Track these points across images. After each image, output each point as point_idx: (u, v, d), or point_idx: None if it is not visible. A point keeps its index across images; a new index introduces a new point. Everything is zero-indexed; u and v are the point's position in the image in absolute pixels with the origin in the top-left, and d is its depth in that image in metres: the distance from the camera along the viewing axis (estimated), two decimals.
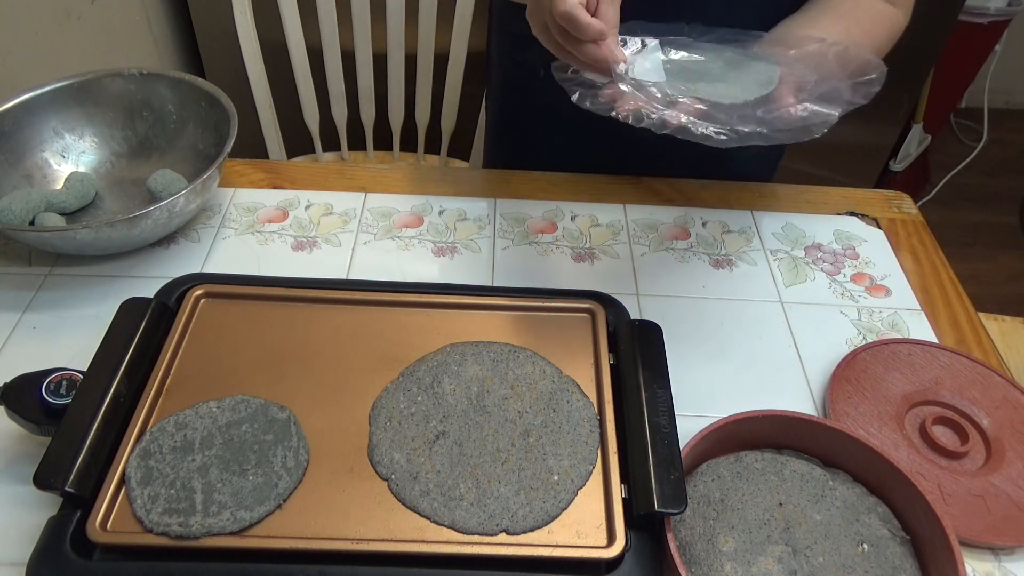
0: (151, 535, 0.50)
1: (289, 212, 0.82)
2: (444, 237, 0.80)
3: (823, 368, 0.69)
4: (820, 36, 0.61)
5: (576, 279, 0.76)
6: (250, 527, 0.51)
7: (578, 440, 0.57)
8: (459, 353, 0.62)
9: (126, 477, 0.53)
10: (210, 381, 0.60)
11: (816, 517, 0.55)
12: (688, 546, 0.53)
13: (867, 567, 0.52)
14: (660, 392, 0.58)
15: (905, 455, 0.61)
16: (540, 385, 0.61)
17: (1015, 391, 0.66)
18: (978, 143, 2.37)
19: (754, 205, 0.87)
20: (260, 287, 0.67)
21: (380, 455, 0.56)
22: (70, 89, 0.80)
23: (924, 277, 0.80)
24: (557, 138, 0.90)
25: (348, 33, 1.25)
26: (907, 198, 0.91)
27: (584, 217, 0.83)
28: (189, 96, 0.82)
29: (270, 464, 0.54)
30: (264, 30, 1.24)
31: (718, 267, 0.79)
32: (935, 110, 2.05)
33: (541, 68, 0.83)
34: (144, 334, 0.60)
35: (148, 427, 0.56)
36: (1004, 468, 0.61)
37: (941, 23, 1.63)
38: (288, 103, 1.35)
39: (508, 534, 0.52)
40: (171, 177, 0.78)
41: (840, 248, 0.82)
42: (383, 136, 1.41)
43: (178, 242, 0.78)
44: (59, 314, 0.70)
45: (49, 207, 0.75)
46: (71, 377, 0.57)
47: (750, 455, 0.58)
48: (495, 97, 0.96)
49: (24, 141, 0.78)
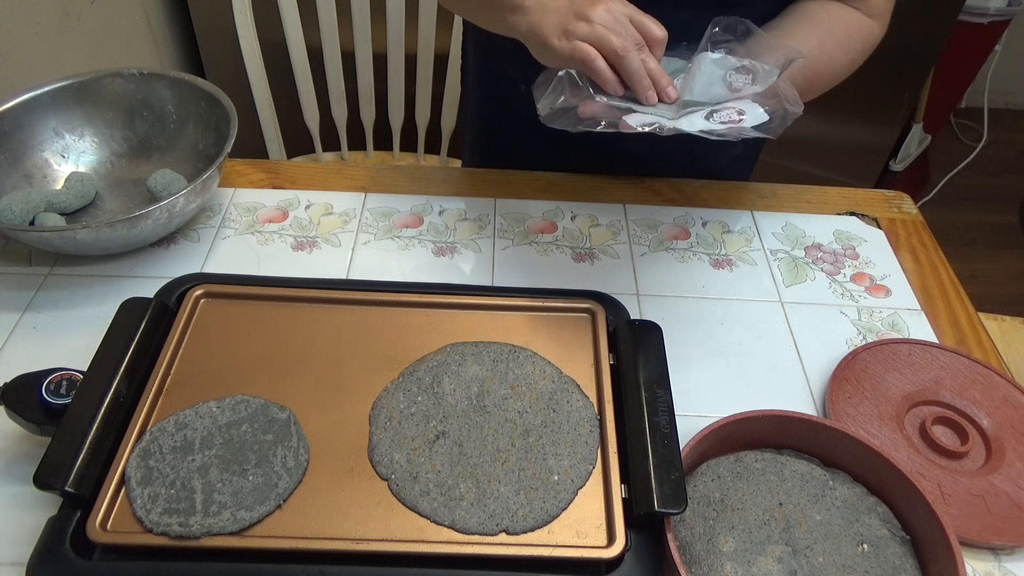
0: (151, 535, 0.50)
1: (289, 212, 0.82)
2: (444, 237, 0.80)
3: (823, 368, 0.69)
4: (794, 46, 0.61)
5: (576, 279, 0.76)
6: (250, 527, 0.51)
7: (578, 440, 0.57)
8: (459, 353, 0.62)
9: (126, 477, 0.53)
10: (210, 381, 0.60)
11: (816, 517, 0.55)
12: (688, 546, 0.53)
13: (867, 567, 0.52)
14: (660, 392, 0.58)
15: (905, 455, 0.61)
16: (540, 385, 0.61)
17: (1015, 391, 0.66)
18: (978, 143, 2.37)
19: (754, 205, 0.87)
20: (260, 287, 0.67)
21: (380, 455, 0.56)
22: (70, 89, 0.80)
23: (924, 277, 0.80)
24: (538, 148, 0.90)
25: (348, 33, 1.25)
26: (907, 198, 0.91)
27: (584, 217, 0.83)
28: (189, 96, 0.82)
29: (270, 464, 0.54)
30: (264, 30, 1.25)
31: (718, 267, 0.79)
32: (935, 110, 2.05)
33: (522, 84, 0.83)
34: (144, 334, 0.60)
35: (148, 427, 0.56)
36: (1004, 468, 0.61)
37: (941, 23, 1.63)
38: (288, 103, 1.35)
39: (508, 534, 0.52)
40: (171, 177, 0.78)
41: (840, 248, 0.82)
42: (383, 136, 1.41)
43: (178, 242, 0.78)
44: (59, 314, 0.70)
45: (49, 207, 0.75)
46: (71, 377, 0.56)
47: (750, 455, 0.58)
48: (474, 108, 0.96)
49: (24, 141, 0.78)
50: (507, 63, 0.85)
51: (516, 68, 0.83)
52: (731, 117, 0.55)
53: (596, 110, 0.56)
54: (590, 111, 0.56)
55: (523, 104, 0.85)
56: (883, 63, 0.73)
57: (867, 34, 0.71)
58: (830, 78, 0.69)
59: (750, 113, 0.56)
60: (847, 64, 0.70)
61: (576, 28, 0.56)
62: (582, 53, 0.55)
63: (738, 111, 0.56)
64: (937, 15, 1.61)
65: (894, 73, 1.67)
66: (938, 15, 1.61)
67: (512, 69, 0.84)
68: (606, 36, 0.55)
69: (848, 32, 0.69)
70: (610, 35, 0.55)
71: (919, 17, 1.57)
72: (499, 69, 0.87)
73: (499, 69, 0.87)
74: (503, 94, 0.89)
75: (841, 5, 0.70)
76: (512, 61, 0.84)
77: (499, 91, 0.90)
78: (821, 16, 0.69)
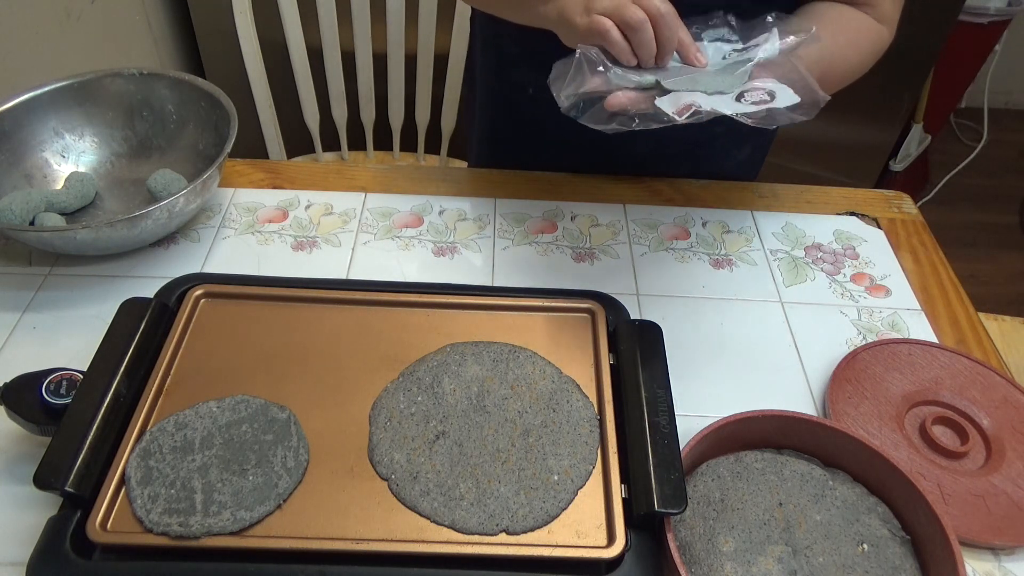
0: (151, 535, 0.50)
1: (289, 212, 0.82)
2: (444, 237, 0.80)
3: (823, 368, 0.69)
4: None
5: (576, 279, 0.76)
6: (250, 527, 0.51)
7: (578, 440, 0.57)
8: (459, 353, 0.62)
9: (126, 477, 0.53)
10: (210, 381, 0.60)
11: (816, 517, 0.55)
12: (688, 546, 0.53)
13: (867, 567, 0.52)
14: (660, 392, 0.58)
15: (905, 455, 0.61)
16: (540, 385, 0.61)
17: (1015, 391, 0.66)
18: (978, 143, 2.37)
19: (754, 205, 0.87)
20: (260, 287, 0.67)
21: (380, 455, 0.56)
22: (70, 89, 0.80)
23: (924, 277, 0.80)
24: (546, 153, 0.90)
25: (348, 33, 1.25)
26: (907, 198, 0.91)
27: (584, 217, 0.83)
28: (189, 96, 0.82)
29: (270, 464, 0.54)
30: (264, 30, 1.25)
31: (718, 267, 0.79)
32: (935, 110, 2.05)
33: (530, 87, 0.83)
34: (144, 334, 0.60)
35: (148, 427, 0.56)
36: (1004, 468, 0.61)
37: (941, 23, 1.63)
38: (288, 103, 1.35)
39: (508, 534, 0.52)
40: (171, 177, 0.78)
41: (840, 248, 0.82)
42: (383, 136, 1.41)
43: (178, 242, 0.78)
44: (59, 314, 0.70)
45: (49, 207, 0.75)
46: (71, 377, 0.56)
47: (750, 455, 0.58)
48: (483, 113, 0.96)
49: (24, 141, 0.78)
50: (515, 68, 0.85)
51: (524, 73, 0.83)
52: (761, 98, 0.55)
53: (624, 101, 0.55)
54: (618, 103, 0.55)
55: (532, 109, 0.86)
56: (883, 63, 0.73)
57: (877, 36, 0.71)
58: (842, 76, 0.69)
59: (780, 94, 0.55)
60: (858, 63, 0.70)
61: (596, 4, 0.57)
62: (599, 24, 0.56)
63: (767, 92, 0.55)
64: (937, 15, 1.61)
65: (894, 73, 1.67)
66: (938, 15, 1.61)
67: (520, 74, 0.84)
68: (623, 6, 0.55)
69: (860, 32, 0.70)
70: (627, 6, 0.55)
71: (919, 17, 1.57)
72: (507, 74, 0.87)
73: (507, 74, 0.87)
74: (511, 99, 0.89)
75: (852, 8, 0.70)
76: (520, 65, 0.84)
77: (507, 96, 0.90)
78: (833, 15, 0.69)
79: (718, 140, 0.88)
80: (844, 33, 0.68)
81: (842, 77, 0.69)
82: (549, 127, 0.85)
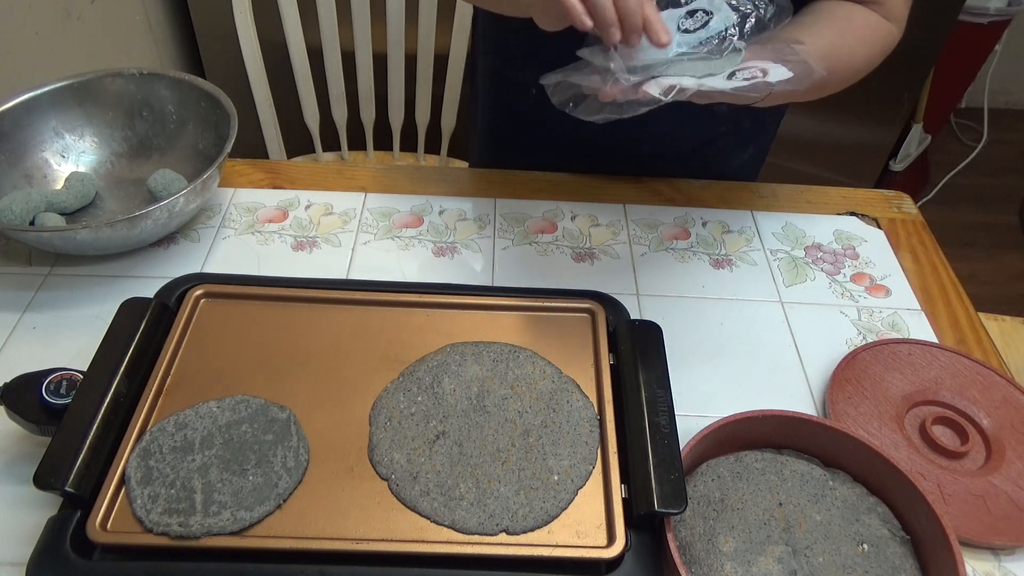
0: (151, 535, 0.50)
1: (289, 212, 0.82)
2: (444, 237, 0.80)
3: (823, 368, 0.69)
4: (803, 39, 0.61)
5: (576, 279, 0.76)
6: (250, 527, 0.51)
7: (578, 440, 0.57)
8: (459, 353, 0.62)
9: (126, 477, 0.53)
10: (210, 381, 0.60)
11: (816, 517, 0.55)
12: (688, 546, 0.53)
13: (867, 567, 0.52)
14: (660, 392, 0.58)
15: (905, 455, 0.61)
16: (540, 385, 0.61)
17: (1015, 391, 0.66)
18: (978, 143, 2.37)
19: (754, 205, 0.87)
20: (260, 287, 0.67)
21: (380, 455, 0.56)
22: (70, 89, 0.80)
23: (924, 277, 0.80)
24: (549, 154, 0.90)
25: (348, 33, 1.25)
26: (907, 198, 0.91)
27: (584, 217, 0.83)
28: (189, 96, 0.82)
29: (270, 464, 0.54)
30: (264, 30, 1.24)
31: (718, 267, 0.79)
32: (935, 110, 2.05)
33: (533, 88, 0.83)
34: (144, 334, 0.60)
35: (148, 427, 0.56)
36: (1004, 468, 0.61)
37: (941, 23, 1.63)
38: (288, 103, 1.35)
39: (508, 534, 0.52)
40: (171, 177, 0.78)
41: (840, 248, 0.82)
42: (383, 136, 1.41)
43: (178, 242, 0.78)
44: (59, 314, 0.70)
45: (49, 207, 0.75)
46: (71, 377, 0.56)
47: (750, 455, 0.58)
48: (484, 113, 0.96)
49: (24, 141, 0.78)
50: (519, 68, 0.85)
51: (527, 73, 0.83)
52: (755, 75, 0.55)
53: (616, 93, 0.55)
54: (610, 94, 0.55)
55: (534, 109, 0.85)
56: (883, 63, 0.73)
57: (886, 33, 0.71)
58: (850, 72, 0.69)
59: (773, 71, 0.55)
60: (865, 60, 0.70)
61: None
62: None
63: (761, 69, 0.55)
64: (937, 15, 1.61)
65: (894, 73, 1.66)
66: (938, 15, 1.61)
67: (523, 74, 0.84)
68: None
69: (868, 29, 0.70)
70: None
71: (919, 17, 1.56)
72: (510, 74, 0.87)
73: (510, 74, 0.87)
74: (513, 100, 0.89)
75: (860, 6, 0.70)
76: (524, 66, 0.84)
77: (509, 97, 0.90)
78: (841, 13, 0.69)
79: (721, 141, 0.88)
80: (852, 30, 0.68)
81: (850, 74, 0.69)
82: (551, 127, 0.85)
